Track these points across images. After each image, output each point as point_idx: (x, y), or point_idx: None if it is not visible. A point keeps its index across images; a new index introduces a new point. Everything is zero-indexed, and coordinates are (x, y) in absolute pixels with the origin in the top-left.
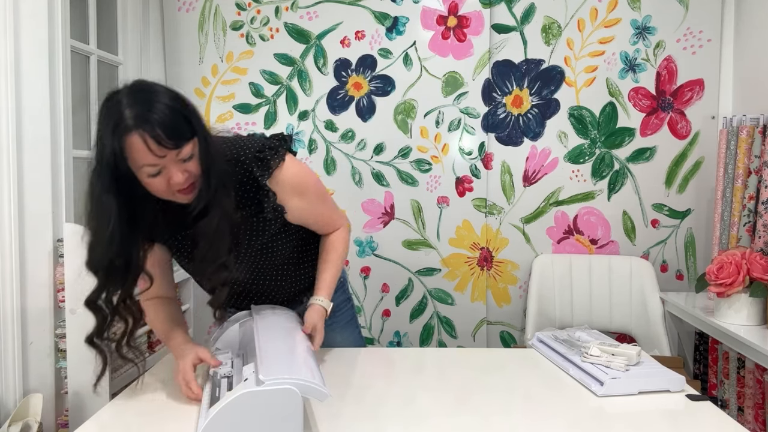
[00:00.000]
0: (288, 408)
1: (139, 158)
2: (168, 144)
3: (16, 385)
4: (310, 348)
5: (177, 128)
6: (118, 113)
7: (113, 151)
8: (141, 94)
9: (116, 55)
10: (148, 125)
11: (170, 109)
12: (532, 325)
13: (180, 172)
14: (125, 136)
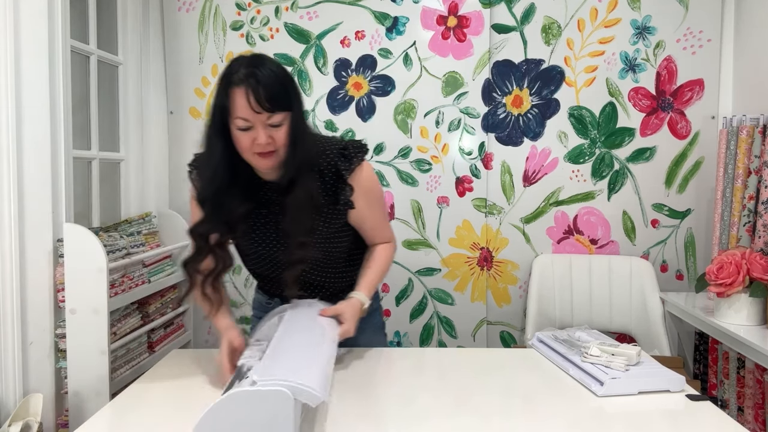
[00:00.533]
0: (280, 409)
1: (238, 109)
2: (264, 105)
3: (16, 385)
4: (327, 346)
5: (276, 95)
6: (234, 69)
7: (222, 98)
8: (257, 60)
9: (116, 55)
10: (253, 82)
11: (276, 78)
12: (532, 325)
13: (265, 134)
14: (233, 87)
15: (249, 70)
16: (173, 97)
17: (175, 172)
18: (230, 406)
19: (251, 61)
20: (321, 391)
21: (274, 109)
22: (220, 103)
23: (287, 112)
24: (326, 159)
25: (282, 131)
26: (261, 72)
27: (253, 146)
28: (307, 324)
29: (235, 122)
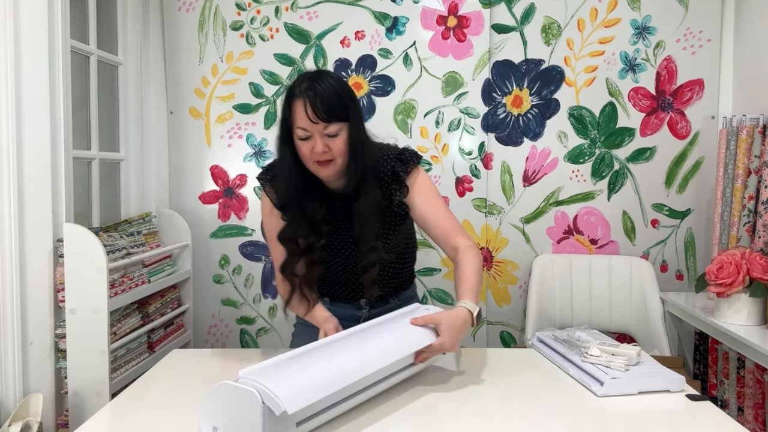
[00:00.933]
0: (251, 408)
1: (297, 119)
2: (320, 115)
3: (16, 385)
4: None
5: (333, 107)
6: (297, 82)
7: (285, 110)
8: (319, 74)
9: (116, 55)
10: (311, 94)
11: (334, 90)
12: (532, 325)
13: (322, 143)
14: (294, 99)
15: (309, 83)
16: (173, 97)
17: (175, 172)
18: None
19: (313, 74)
20: (286, 402)
21: (330, 119)
22: (284, 115)
23: (344, 122)
24: (384, 164)
25: (339, 141)
26: (319, 85)
27: (312, 155)
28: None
29: (296, 132)
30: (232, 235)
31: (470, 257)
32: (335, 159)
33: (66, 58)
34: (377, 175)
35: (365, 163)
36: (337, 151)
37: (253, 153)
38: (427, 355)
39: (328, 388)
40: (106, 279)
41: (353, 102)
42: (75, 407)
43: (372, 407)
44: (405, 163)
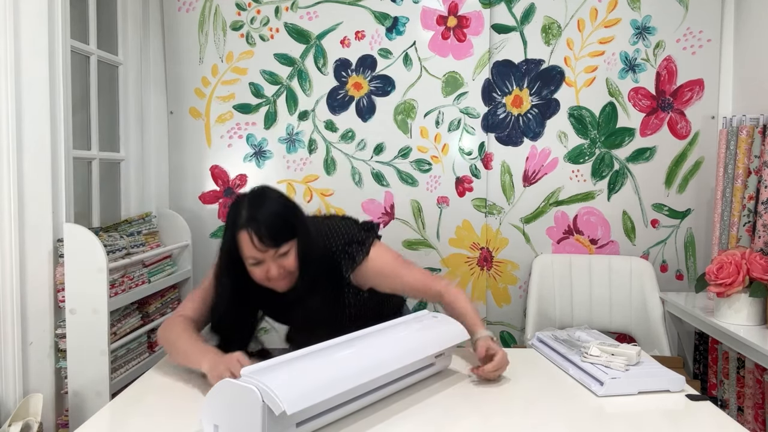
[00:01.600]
0: (251, 406)
1: (246, 250)
2: (268, 243)
3: (16, 385)
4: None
5: (279, 230)
6: (237, 213)
7: (230, 242)
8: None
9: (116, 55)
10: (255, 225)
11: (276, 215)
12: (532, 325)
13: (276, 266)
14: (239, 231)
15: (249, 212)
16: (173, 97)
17: (175, 172)
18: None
19: (251, 201)
20: (286, 402)
21: (278, 243)
22: (227, 247)
23: (292, 240)
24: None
25: (291, 258)
26: (260, 213)
27: (268, 276)
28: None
29: (247, 260)
30: None
31: (456, 293)
32: (289, 275)
33: (66, 58)
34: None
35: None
36: (291, 267)
37: (253, 153)
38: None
39: (329, 391)
40: (106, 279)
41: (296, 217)
42: (75, 407)
43: (372, 407)
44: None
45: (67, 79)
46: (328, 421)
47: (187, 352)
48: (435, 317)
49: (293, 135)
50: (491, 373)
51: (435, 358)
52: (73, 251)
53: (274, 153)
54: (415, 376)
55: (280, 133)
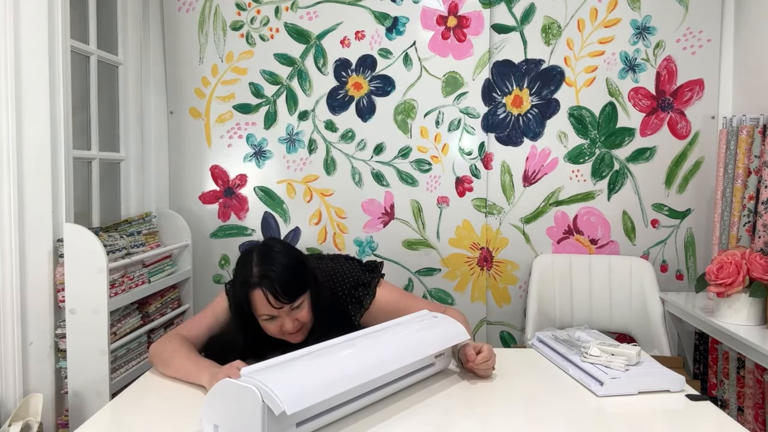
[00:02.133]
0: (251, 405)
1: (260, 308)
2: (283, 299)
3: (16, 385)
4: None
5: (292, 285)
6: (248, 270)
7: (242, 299)
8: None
9: (116, 55)
10: (267, 283)
11: (288, 270)
12: (532, 325)
13: (290, 321)
14: (252, 290)
15: (261, 269)
16: (173, 97)
17: (175, 172)
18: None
19: (261, 258)
20: (286, 402)
21: (293, 299)
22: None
23: (305, 293)
24: (339, 302)
25: (305, 310)
26: (272, 270)
27: (282, 331)
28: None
29: (260, 317)
30: (232, 235)
31: (455, 314)
32: (304, 325)
33: (66, 58)
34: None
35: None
36: (306, 319)
37: (253, 153)
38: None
39: (329, 391)
40: (106, 279)
41: (306, 268)
42: (75, 407)
43: (372, 407)
44: (359, 303)
45: (67, 79)
46: (328, 421)
47: (186, 366)
48: (435, 317)
49: (293, 135)
50: (482, 365)
51: (435, 358)
52: (73, 251)
53: (274, 153)
54: (415, 376)
55: (280, 133)
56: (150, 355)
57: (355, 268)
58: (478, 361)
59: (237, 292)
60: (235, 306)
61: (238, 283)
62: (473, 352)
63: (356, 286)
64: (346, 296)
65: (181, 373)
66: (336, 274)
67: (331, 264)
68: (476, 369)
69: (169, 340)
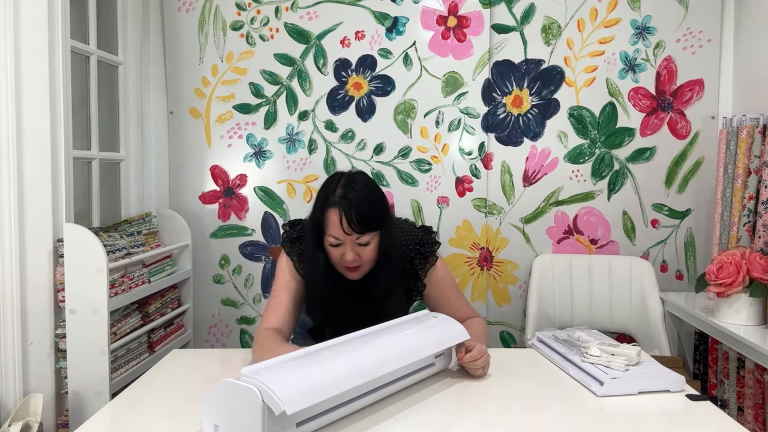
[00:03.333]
0: (251, 405)
1: (330, 228)
2: (355, 227)
3: (16, 385)
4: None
5: (366, 218)
6: (331, 189)
7: (318, 214)
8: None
9: (116, 55)
10: (346, 204)
11: (368, 200)
12: (532, 325)
13: (353, 253)
14: (329, 207)
15: (343, 191)
16: (173, 97)
17: (175, 172)
18: (223, 392)
19: (347, 180)
20: (286, 402)
21: (364, 230)
22: (315, 218)
23: (376, 232)
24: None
25: (369, 249)
26: (355, 195)
27: (342, 260)
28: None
29: (327, 238)
30: (232, 235)
31: (476, 323)
32: (363, 265)
33: (66, 58)
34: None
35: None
36: (367, 259)
37: (253, 153)
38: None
39: (329, 391)
40: (106, 279)
41: (385, 209)
42: (75, 407)
43: (372, 407)
44: (424, 259)
45: (67, 79)
46: (328, 421)
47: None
48: (435, 317)
49: (293, 135)
50: (471, 364)
51: (435, 358)
52: (73, 251)
53: (274, 153)
54: (415, 376)
55: (280, 133)
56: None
57: (415, 228)
58: (466, 360)
59: (315, 208)
60: (312, 220)
61: (319, 199)
62: (463, 350)
63: (421, 244)
64: (412, 251)
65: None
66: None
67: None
68: (466, 367)
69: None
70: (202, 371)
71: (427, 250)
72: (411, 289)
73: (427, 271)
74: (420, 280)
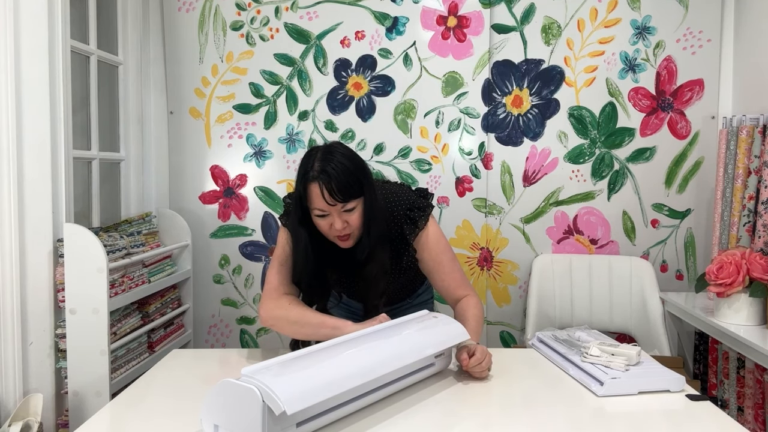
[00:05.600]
0: (251, 405)
1: (314, 201)
2: (337, 197)
3: (16, 385)
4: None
5: (347, 187)
6: (309, 164)
7: (300, 191)
8: (329, 153)
9: (116, 55)
10: (325, 177)
11: (347, 170)
12: (532, 325)
13: (340, 221)
14: (309, 183)
15: (321, 165)
16: (173, 97)
17: (175, 172)
18: (223, 392)
19: (324, 154)
20: (286, 402)
21: (347, 199)
22: (298, 194)
23: (359, 198)
24: (393, 222)
25: (356, 215)
26: (332, 166)
27: (332, 230)
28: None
29: (313, 212)
30: (232, 235)
31: (472, 306)
32: (354, 232)
33: (66, 58)
34: (388, 238)
35: (377, 232)
36: (355, 225)
37: (253, 153)
38: (476, 359)
39: (329, 391)
40: (106, 279)
41: (365, 176)
42: (75, 407)
43: (372, 407)
44: (414, 224)
45: (67, 79)
46: (328, 421)
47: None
48: (435, 317)
49: (293, 135)
50: (477, 367)
51: (435, 358)
52: (73, 251)
53: (274, 153)
54: (415, 376)
55: (280, 133)
56: (268, 320)
57: (409, 192)
58: (471, 364)
59: (297, 185)
60: (296, 197)
61: (300, 174)
62: (466, 356)
63: (411, 209)
64: (402, 216)
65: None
66: (392, 196)
67: (388, 186)
68: (471, 372)
69: (283, 303)
70: (202, 371)
71: (417, 214)
72: (401, 255)
73: (416, 235)
74: (409, 245)
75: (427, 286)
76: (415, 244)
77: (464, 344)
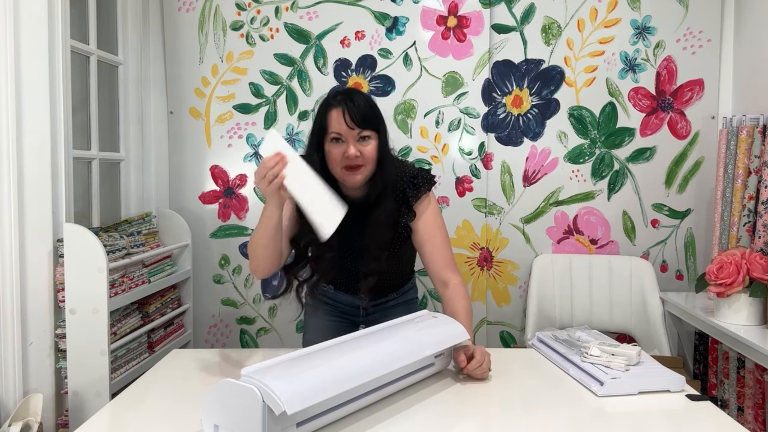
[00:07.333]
0: (251, 405)
1: (333, 125)
2: (357, 122)
3: (16, 385)
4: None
5: (367, 116)
6: (332, 94)
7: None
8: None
9: (116, 55)
10: (350, 103)
11: (368, 102)
12: (532, 325)
13: (355, 148)
14: (331, 108)
15: (344, 95)
16: (173, 97)
17: (175, 172)
18: (224, 391)
19: (347, 89)
20: (286, 402)
21: (365, 126)
22: (317, 124)
23: (375, 131)
24: (398, 184)
25: (370, 147)
26: (355, 97)
27: (344, 159)
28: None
29: (330, 136)
30: (232, 235)
31: (460, 298)
32: (365, 165)
33: (66, 58)
34: (393, 192)
35: (388, 175)
36: (368, 157)
37: (253, 153)
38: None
39: (329, 391)
40: (106, 279)
41: (382, 120)
42: (75, 407)
43: (372, 407)
44: (416, 189)
45: (67, 79)
46: (328, 421)
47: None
48: (435, 317)
49: (293, 135)
50: (477, 370)
51: (435, 358)
52: (73, 251)
53: None
54: (415, 376)
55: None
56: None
57: (413, 166)
58: (471, 367)
59: (317, 114)
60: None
61: (321, 106)
62: (464, 358)
63: (416, 177)
64: (406, 182)
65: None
66: (399, 163)
67: (395, 158)
68: (471, 374)
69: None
70: (202, 371)
71: (420, 182)
72: (400, 217)
73: (418, 199)
74: (410, 207)
75: (413, 284)
76: (415, 207)
77: (461, 345)
